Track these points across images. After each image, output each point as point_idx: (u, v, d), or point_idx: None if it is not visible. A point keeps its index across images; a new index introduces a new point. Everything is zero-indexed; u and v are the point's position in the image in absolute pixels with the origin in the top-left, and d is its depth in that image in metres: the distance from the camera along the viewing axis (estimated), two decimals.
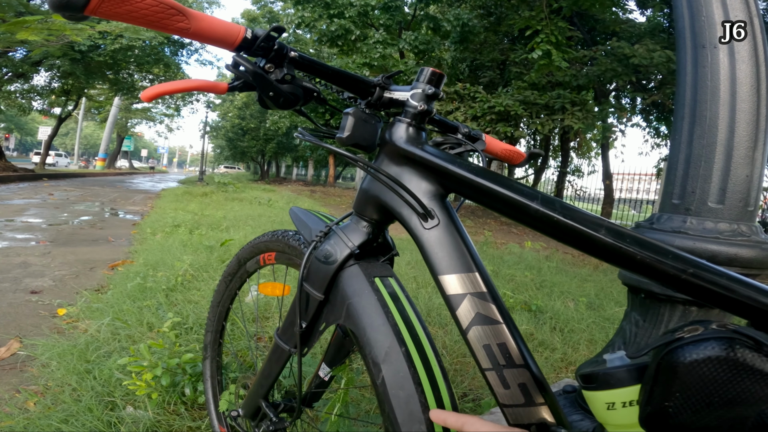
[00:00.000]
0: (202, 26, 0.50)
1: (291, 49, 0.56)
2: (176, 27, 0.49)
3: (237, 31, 0.53)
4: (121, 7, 0.45)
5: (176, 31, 0.49)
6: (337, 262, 0.60)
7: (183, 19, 0.49)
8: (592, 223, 0.48)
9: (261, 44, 0.54)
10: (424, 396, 0.51)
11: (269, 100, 0.56)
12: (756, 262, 0.88)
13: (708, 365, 0.38)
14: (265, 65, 0.55)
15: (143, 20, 0.48)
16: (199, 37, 0.50)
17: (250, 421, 0.82)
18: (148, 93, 0.51)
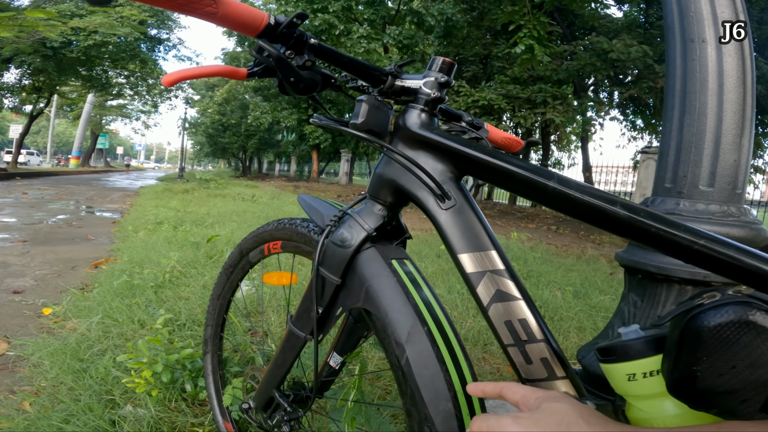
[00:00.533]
0: (228, 11, 0.50)
1: (310, 36, 0.56)
2: (205, 11, 0.49)
3: (261, 17, 0.53)
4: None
5: (204, 15, 0.49)
6: (354, 245, 0.61)
7: (212, 3, 0.48)
8: (608, 200, 0.50)
9: (283, 30, 0.54)
10: (449, 374, 0.52)
11: (289, 86, 0.56)
12: (745, 240, 0.92)
13: (730, 328, 0.39)
14: (286, 51, 0.55)
15: (174, 3, 0.47)
16: (225, 21, 0.50)
17: (262, 412, 0.82)
18: (170, 78, 0.50)
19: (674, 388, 0.43)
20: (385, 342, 0.56)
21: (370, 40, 8.93)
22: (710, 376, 0.40)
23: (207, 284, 2.47)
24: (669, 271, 0.92)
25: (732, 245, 0.47)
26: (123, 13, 11.73)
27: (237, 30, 0.52)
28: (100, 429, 1.10)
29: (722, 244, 0.46)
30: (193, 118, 28.22)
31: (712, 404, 0.41)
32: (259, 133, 22.85)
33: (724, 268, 0.47)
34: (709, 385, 0.40)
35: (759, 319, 0.39)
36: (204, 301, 2.12)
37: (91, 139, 28.58)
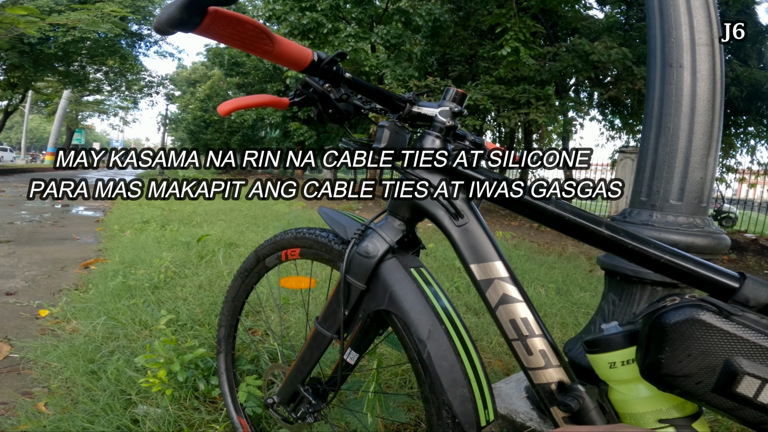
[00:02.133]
0: (282, 50, 0.56)
1: (345, 71, 0.64)
2: (263, 49, 0.55)
3: (307, 55, 0.60)
4: (225, 28, 0.51)
5: (262, 53, 0.55)
6: (378, 256, 0.69)
7: (269, 44, 0.55)
8: (594, 220, 0.60)
9: (324, 66, 0.61)
10: (464, 365, 0.61)
11: (327, 116, 0.64)
12: (708, 248, 1.05)
13: (686, 325, 0.51)
14: (325, 85, 0.63)
15: (239, 42, 0.53)
16: (278, 58, 0.57)
17: (286, 406, 0.89)
18: (225, 107, 0.58)
19: (645, 373, 0.53)
20: (407, 339, 0.65)
21: (357, 39, 8.97)
22: (672, 363, 0.50)
23: (203, 284, 2.52)
24: (643, 274, 1.03)
25: (691, 259, 0.58)
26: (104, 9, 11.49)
27: (286, 65, 0.59)
28: (123, 427, 1.16)
29: (682, 258, 0.58)
30: (173, 114, 27.74)
31: (674, 386, 0.52)
32: (242, 129, 22.63)
33: (683, 277, 0.58)
34: (671, 370, 0.51)
35: (707, 318, 0.51)
36: (202, 301, 2.18)
37: (66, 135, 27.85)
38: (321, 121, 0.66)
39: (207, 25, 0.49)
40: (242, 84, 20.67)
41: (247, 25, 0.51)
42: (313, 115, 0.65)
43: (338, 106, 0.64)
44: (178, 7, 0.46)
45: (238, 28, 0.51)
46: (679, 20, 1.02)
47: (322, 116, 0.65)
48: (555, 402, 0.59)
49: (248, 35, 0.52)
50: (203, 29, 0.49)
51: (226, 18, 0.49)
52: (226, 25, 0.50)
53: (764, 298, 0.53)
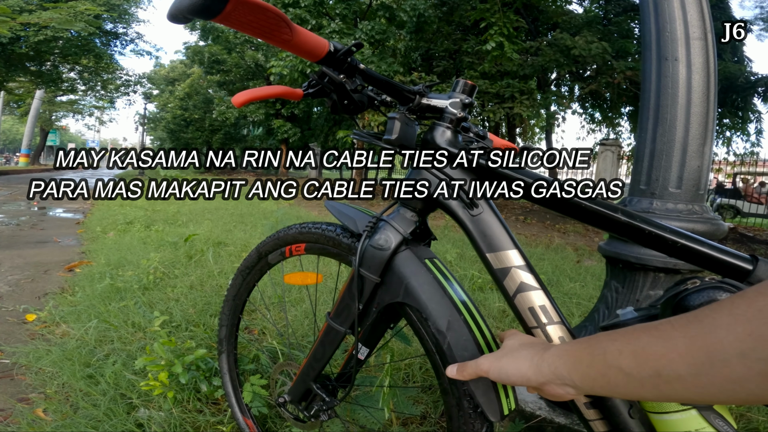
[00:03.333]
0: (299, 39, 0.56)
1: (359, 62, 0.63)
2: (282, 38, 0.54)
3: (324, 45, 0.59)
4: (246, 16, 0.50)
5: (280, 42, 0.55)
6: (392, 248, 0.68)
7: (288, 32, 0.54)
8: (611, 207, 0.61)
9: (340, 57, 0.60)
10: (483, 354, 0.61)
11: (341, 107, 0.63)
12: (707, 234, 1.07)
13: None
14: (340, 75, 0.62)
15: (259, 30, 0.52)
16: (295, 48, 0.56)
17: (298, 404, 0.88)
18: (240, 98, 0.56)
19: None
20: (424, 331, 0.65)
21: (342, 36, 8.90)
22: None
23: (194, 284, 2.48)
24: (645, 260, 1.05)
25: (705, 242, 0.58)
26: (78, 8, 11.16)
27: (303, 56, 0.58)
28: (128, 431, 1.14)
29: (697, 242, 0.58)
30: (151, 113, 27.20)
31: None
32: (224, 127, 22.32)
33: (699, 260, 0.59)
34: None
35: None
36: (195, 301, 2.14)
37: (40, 136, 27.07)
38: (335, 112, 0.65)
39: (229, 12, 0.47)
40: (223, 82, 20.36)
41: (269, 12, 0.50)
42: (327, 106, 0.64)
43: (353, 97, 0.63)
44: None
45: (260, 16, 0.50)
46: (674, 15, 1.05)
47: (336, 107, 0.64)
48: None
49: (268, 23, 0.51)
50: (224, 16, 0.48)
51: (248, 5, 0.48)
52: (247, 12, 0.49)
53: None
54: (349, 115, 0.66)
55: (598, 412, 0.60)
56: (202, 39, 20.23)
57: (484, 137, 0.84)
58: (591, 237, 6.52)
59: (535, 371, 0.48)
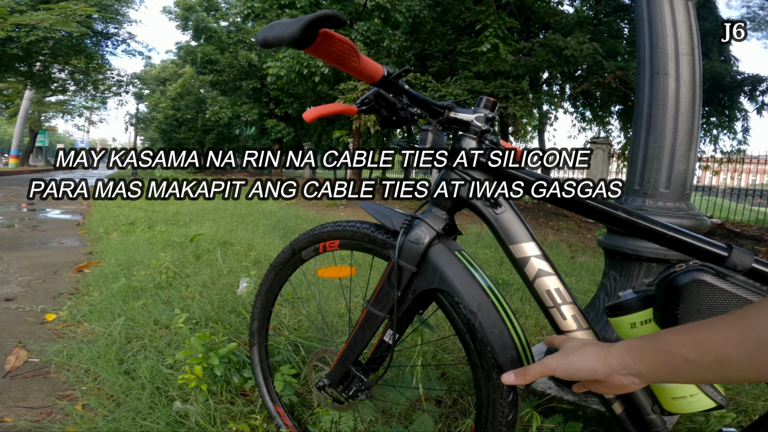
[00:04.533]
0: (363, 66, 0.66)
1: (404, 84, 0.74)
2: (350, 65, 0.64)
3: (379, 70, 0.69)
4: (329, 47, 0.59)
5: (349, 68, 0.65)
6: (426, 242, 0.80)
7: (356, 60, 0.64)
8: (613, 206, 0.72)
9: (392, 80, 0.71)
10: (510, 331, 0.73)
11: (390, 123, 0.74)
12: (692, 228, 1.20)
13: (694, 285, 0.63)
14: (389, 95, 0.73)
15: (335, 59, 0.62)
16: (360, 73, 0.66)
17: (336, 388, 0.97)
18: (310, 114, 0.67)
19: (665, 327, 0.65)
20: (456, 312, 0.76)
21: None
22: (686, 317, 0.62)
23: (206, 283, 2.56)
24: (640, 252, 1.18)
25: (690, 234, 0.70)
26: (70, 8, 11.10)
27: (363, 79, 0.68)
28: (172, 423, 1.22)
29: (683, 234, 0.70)
30: (142, 113, 27.00)
31: None
32: (217, 128, 22.26)
33: (685, 248, 0.71)
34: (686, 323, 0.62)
35: (709, 279, 0.63)
36: (211, 299, 2.23)
37: (29, 136, 26.77)
38: (384, 127, 0.75)
39: (318, 44, 0.58)
40: (216, 81, 20.31)
41: (346, 44, 0.60)
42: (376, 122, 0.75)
43: (400, 114, 0.74)
44: (300, 27, 0.54)
45: (339, 47, 0.60)
46: (666, 32, 1.17)
47: (386, 122, 0.75)
48: None
49: (344, 53, 0.61)
50: (314, 47, 0.58)
51: (333, 39, 0.58)
52: (331, 45, 0.59)
53: (748, 264, 0.65)
54: (394, 128, 0.76)
55: None
56: (194, 39, 20.16)
57: (497, 144, 0.95)
58: (584, 234, 6.69)
59: (603, 364, 0.56)
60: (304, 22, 0.54)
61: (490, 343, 0.71)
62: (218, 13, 20.45)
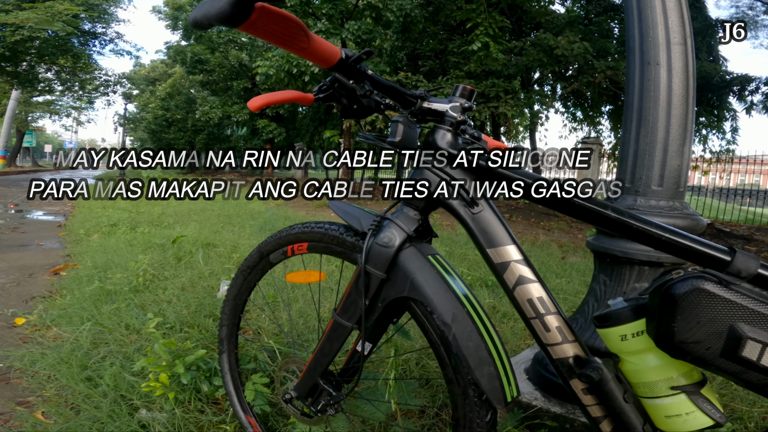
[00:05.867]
0: (315, 47, 0.58)
1: (367, 68, 0.66)
2: (299, 46, 0.57)
3: (336, 52, 0.61)
4: (270, 25, 0.52)
5: (298, 50, 0.57)
6: (397, 245, 0.71)
7: (305, 40, 0.56)
8: (602, 204, 0.65)
9: (351, 64, 0.63)
10: (488, 345, 0.65)
11: (352, 111, 0.66)
12: (687, 228, 1.12)
13: (693, 294, 0.56)
14: (350, 81, 0.65)
15: (279, 38, 0.55)
16: (311, 55, 0.58)
17: (304, 400, 0.90)
18: (256, 102, 0.59)
19: (659, 341, 0.58)
20: (428, 324, 0.68)
21: (328, 35, 8.86)
22: (683, 330, 0.55)
23: (185, 286, 2.47)
24: (631, 254, 1.11)
25: (687, 236, 0.62)
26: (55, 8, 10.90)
27: (316, 62, 0.60)
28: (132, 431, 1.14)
29: (680, 236, 0.63)
30: (131, 113, 26.69)
31: (687, 352, 0.57)
32: (208, 128, 22.04)
33: (683, 253, 0.63)
34: (684, 337, 0.55)
35: (711, 287, 0.56)
36: (188, 303, 2.14)
37: (16, 137, 26.37)
38: (345, 117, 0.68)
39: (253, 21, 0.50)
40: (206, 81, 20.11)
41: (291, 21, 0.52)
42: (336, 110, 0.67)
43: (362, 102, 0.66)
44: (229, 2, 0.46)
45: (282, 25, 0.52)
46: (656, 20, 1.10)
47: (346, 111, 0.67)
48: (575, 375, 0.63)
49: (289, 32, 0.53)
50: (249, 24, 0.50)
51: (272, 14, 0.50)
52: (270, 21, 0.51)
53: (753, 269, 0.57)
54: (357, 119, 0.68)
55: (594, 398, 0.64)
56: (184, 38, 19.94)
57: (479, 138, 0.88)
58: (575, 234, 6.66)
59: None
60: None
61: (465, 357, 0.64)
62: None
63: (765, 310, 0.54)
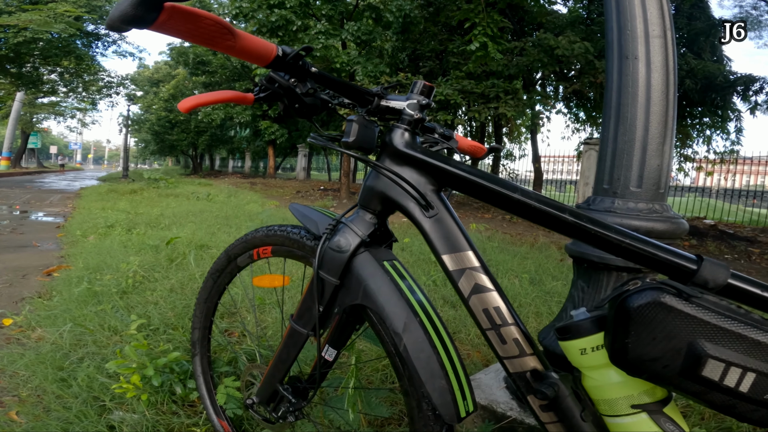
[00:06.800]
0: (244, 44, 0.55)
1: (311, 65, 0.63)
2: (225, 44, 0.54)
3: (271, 50, 0.58)
4: (183, 24, 0.49)
5: (224, 48, 0.54)
6: (350, 250, 0.69)
7: (231, 38, 0.53)
8: (559, 208, 0.61)
9: (289, 61, 0.60)
10: (440, 356, 0.62)
11: (293, 111, 0.63)
12: (667, 233, 1.08)
13: (649, 308, 0.51)
14: (291, 80, 0.62)
15: (200, 37, 0.52)
16: (241, 54, 0.56)
17: (266, 406, 0.88)
18: (186, 104, 0.56)
19: (614, 358, 0.54)
20: (383, 333, 0.65)
21: (328, 36, 8.82)
22: (638, 347, 0.51)
23: (174, 288, 2.46)
24: (608, 260, 1.07)
25: (650, 242, 0.58)
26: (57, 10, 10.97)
27: (250, 61, 0.57)
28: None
29: (642, 242, 0.58)
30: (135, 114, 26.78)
31: (642, 371, 0.53)
32: (210, 129, 22.09)
33: (643, 260, 0.58)
34: (638, 354, 0.52)
35: (668, 300, 0.51)
36: (174, 304, 2.12)
37: (21, 138, 26.55)
38: (288, 117, 0.65)
39: (163, 22, 0.47)
40: (208, 83, 20.17)
41: (207, 20, 0.50)
42: (280, 111, 0.64)
43: (305, 101, 0.63)
44: (130, 4, 0.44)
45: (197, 24, 0.50)
46: (634, 12, 1.05)
47: (288, 111, 0.64)
48: (531, 390, 0.60)
49: (208, 30, 0.51)
50: (159, 25, 0.47)
51: (184, 14, 0.48)
52: (184, 21, 0.48)
53: (722, 280, 0.53)
54: (305, 119, 0.66)
55: (552, 415, 0.61)
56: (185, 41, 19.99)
57: (450, 138, 0.85)
58: None
59: None
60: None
61: (416, 370, 0.61)
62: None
63: (730, 326, 0.50)
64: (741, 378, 0.49)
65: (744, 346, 0.49)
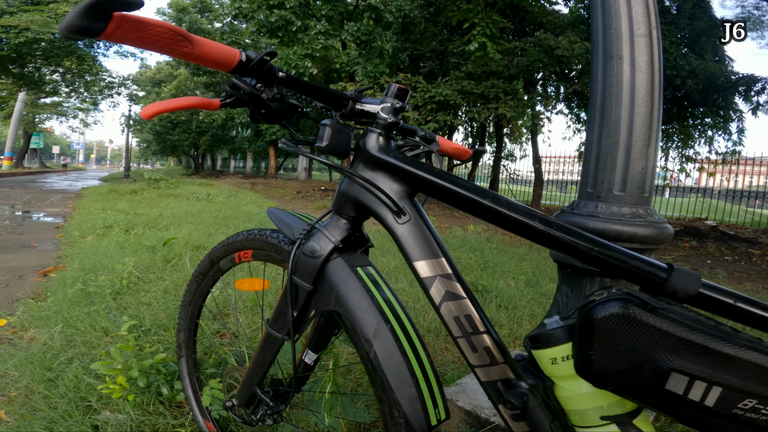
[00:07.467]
0: (203, 51, 0.54)
1: (279, 69, 0.62)
2: (182, 51, 0.53)
3: (233, 55, 0.58)
4: (134, 33, 0.48)
5: (181, 55, 0.53)
6: (323, 255, 0.69)
7: (188, 45, 0.53)
8: (529, 215, 0.60)
9: (254, 66, 0.60)
10: (411, 364, 0.62)
11: (260, 116, 0.63)
12: (651, 238, 1.06)
13: (613, 320, 0.50)
14: (257, 85, 0.62)
15: (153, 45, 0.51)
16: (201, 60, 0.55)
17: (245, 409, 0.88)
18: (148, 111, 0.55)
19: (579, 369, 0.54)
20: (355, 339, 0.65)
21: (327, 37, 8.83)
22: (602, 359, 0.50)
23: (168, 289, 2.46)
24: (585, 264, 1.04)
25: (620, 251, 0.57)
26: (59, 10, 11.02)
27: (212, 67, 0.57)
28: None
29: (612, 250, 0.57)
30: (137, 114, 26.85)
31: (607, 383, 0.52)
32: (211, 129, 22.13)
33: (613, 269, 0.57)
34: (602, 366, 0.51)
35: (632, 312, 0.50)
36: (167, 306, 2.12)
37: (24, 138, 26.65)
38: (255, 122, 0.65)
39: (112, 31, 0.47)
40: (210, 83, 20.22)
41: (158, 28, 0.49)
42: (247, 116, 0.64)
43: (271, 106, 0.63)
44: (76, 14, 0.43)
45: (148, 32, 0.49)
46: (619, 11, 1.03)
47: (255, 116, 0.63)
48: (501, 399, 0.60)
49: (161, 38, 0.50)
50: (108, 35, 0.47)
51: (133, 23, 0.47)
52: (134, 30, 0.48)
53: (693, 289, 0.52)
54: (274, 124, 0.65)
55: (523, 426, 0.60)
56: None
57: (432, 140, 0.84)
58: None
59: None
60: (83, 6, 0.44)
61: (386, 376, 0.61)
62: (212, 14, 20.39)
63: (695, 338, 0.48)
64: (706, 392, 0.48)
65: (710, 359, 0.48)
